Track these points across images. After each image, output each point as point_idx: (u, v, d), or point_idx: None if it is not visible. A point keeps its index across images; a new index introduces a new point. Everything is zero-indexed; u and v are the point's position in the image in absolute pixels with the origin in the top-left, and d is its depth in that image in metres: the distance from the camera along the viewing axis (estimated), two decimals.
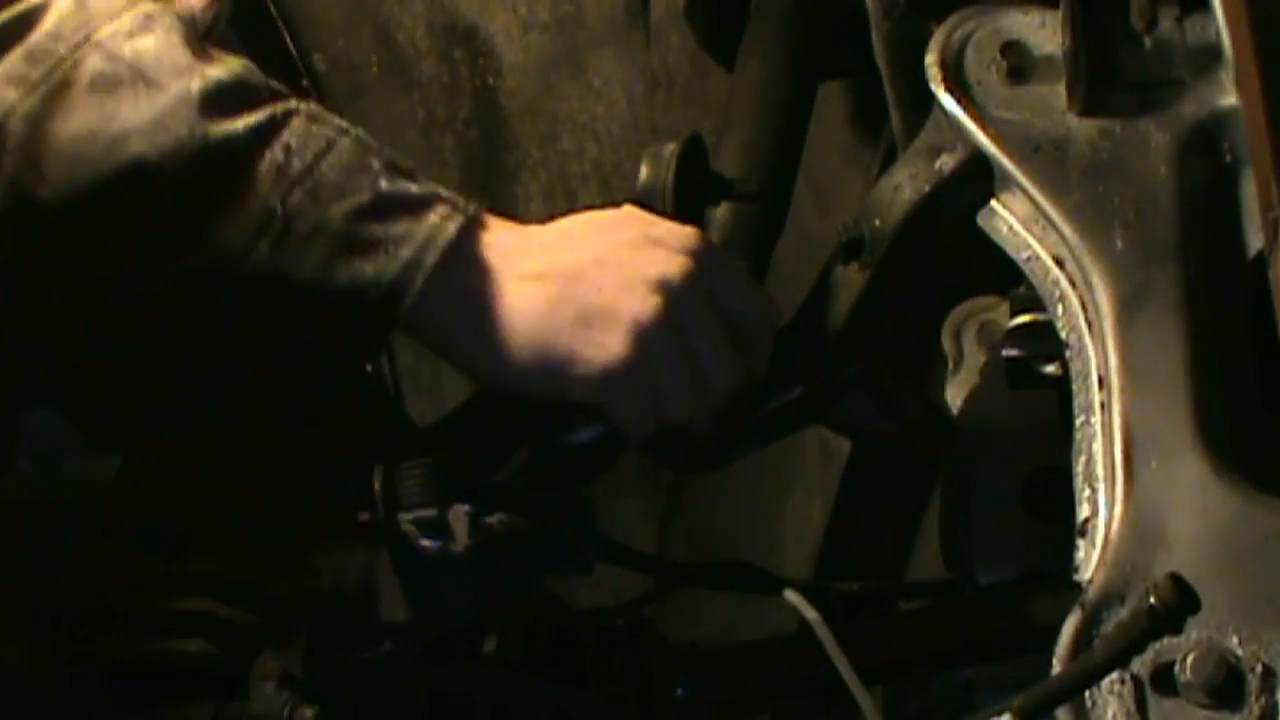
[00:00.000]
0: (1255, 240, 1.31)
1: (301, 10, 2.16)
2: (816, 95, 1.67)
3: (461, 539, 1.22)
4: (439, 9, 2.17)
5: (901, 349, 1.49)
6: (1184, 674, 1.15)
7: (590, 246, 1.31)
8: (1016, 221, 1.37)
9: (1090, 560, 1.21)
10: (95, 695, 1.27)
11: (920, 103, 1.43)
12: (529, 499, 1.27)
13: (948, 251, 1.44)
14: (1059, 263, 1.33)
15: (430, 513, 1.22)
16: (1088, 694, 1.15)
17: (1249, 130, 1.28)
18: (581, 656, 1.34)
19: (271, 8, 2.11)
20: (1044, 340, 1.37)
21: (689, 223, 1.35)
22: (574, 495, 1.32)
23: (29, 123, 1.23)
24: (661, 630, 1.39)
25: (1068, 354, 1.31)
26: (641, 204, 1.37)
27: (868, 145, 1.90)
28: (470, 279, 1.28)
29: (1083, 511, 1.24)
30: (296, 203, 1.24)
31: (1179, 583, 1.14)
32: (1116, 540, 1.21)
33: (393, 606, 1.23)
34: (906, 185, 1.41)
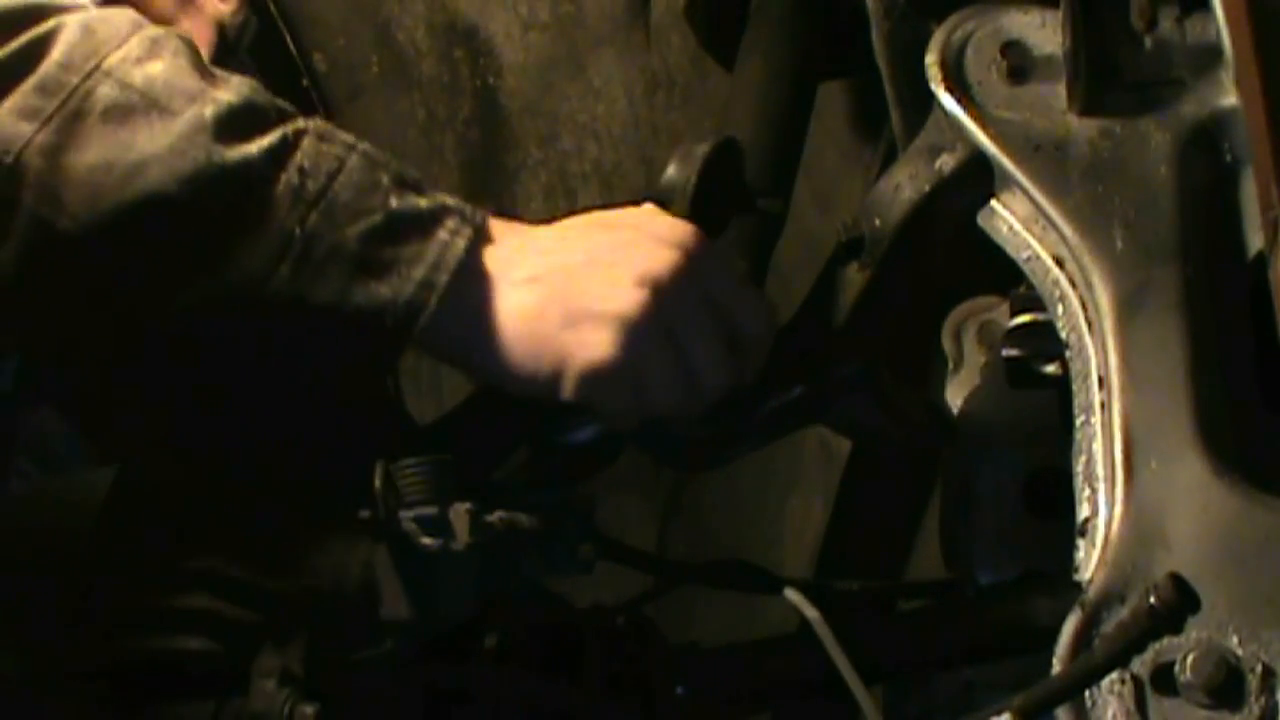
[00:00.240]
0: (1255, 240, 1.31)
1: (301, 10, 2.16)
2: (816, 95, 1.67)
3: (462, 537, 1.22)
4: (439, 9, 2.17)
5: (901, 349, 1.49)
6: (1184, 674, 1.15)
7: (583, 247, 1.31)
8: (1016, 221, 1.37)
9: (1090, 560, 1.21)
10: (95, 694, 1.27)
11: (920, 103, 1.43)
12: (529, 497, 1.28)
13: (948, 251, 1.44)
14: (1059, 263, 1.33)
15: (431, 511, 1.22)
16: (1088, 694, 1.16)
17: (1249, 130, 1.28)
18: (581, 655, 1.34)
19: (272, 7, 2.12)
20: (1044, 340, 1.37)
21: (703, 226, 1.34)
22: (574, 494, 1.32)
23: (46, 156, 1.24)
24: (661, 630, 1.39)
25: (1068, 354, 1.31)
26: (659, 201, 1.36)
27: (868, 145, 1.90)
28: (476, 291, 1.29)
29: (1083, 511, 1.24)
30: (313, 225, 1.25)
31: (1179, 582, 1.14)
32: (1116, 540, 1.21)
33: (393, 604, 1.23)
34: (906, 185, 1.41)
